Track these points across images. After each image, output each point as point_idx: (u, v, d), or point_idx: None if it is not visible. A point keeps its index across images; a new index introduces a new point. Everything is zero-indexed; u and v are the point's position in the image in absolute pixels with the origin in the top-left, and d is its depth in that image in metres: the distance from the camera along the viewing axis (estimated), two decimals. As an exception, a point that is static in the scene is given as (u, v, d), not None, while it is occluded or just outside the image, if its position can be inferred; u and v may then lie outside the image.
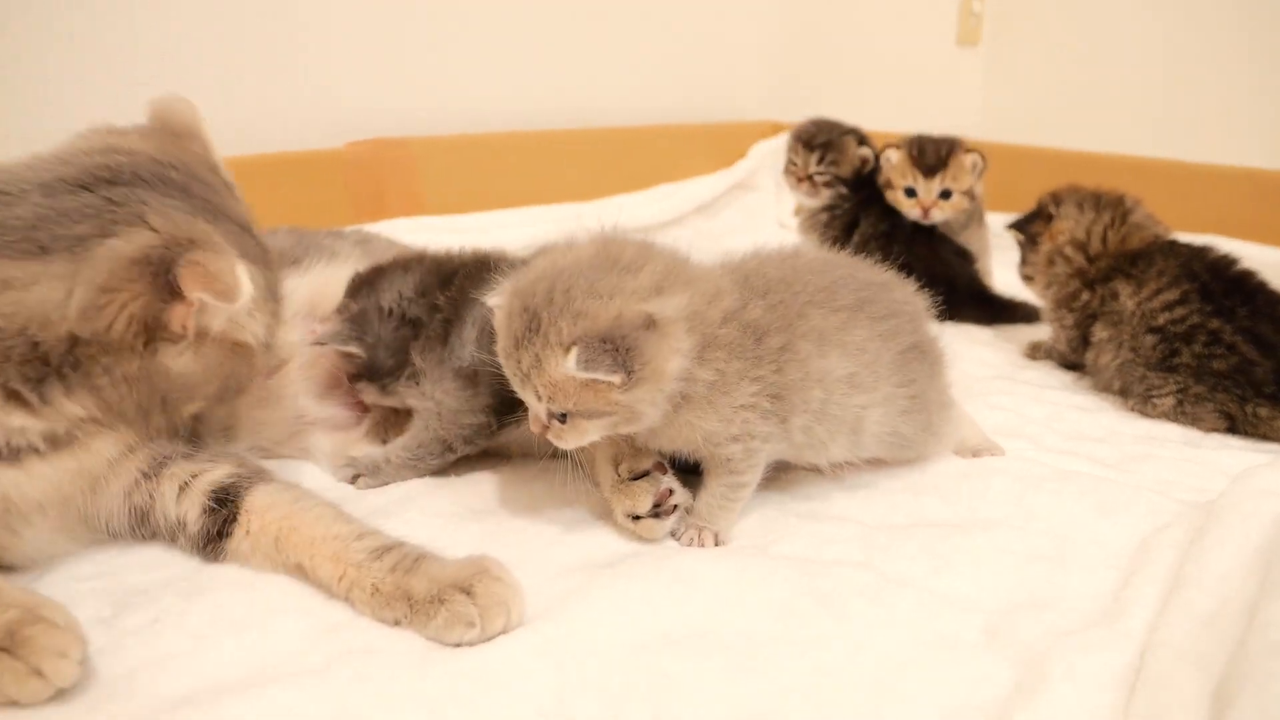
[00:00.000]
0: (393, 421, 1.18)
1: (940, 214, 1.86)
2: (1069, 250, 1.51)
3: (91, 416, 0.84)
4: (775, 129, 2.83)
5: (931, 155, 1.85)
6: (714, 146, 2.71)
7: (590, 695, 0.75)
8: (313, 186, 1.71)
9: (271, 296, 0.94)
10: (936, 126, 3.06)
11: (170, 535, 0.92)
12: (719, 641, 0.81)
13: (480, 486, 1.09)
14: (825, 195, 1.94)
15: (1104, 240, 1.49)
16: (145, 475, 0.90)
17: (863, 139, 1.98)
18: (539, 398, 0.88)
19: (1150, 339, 1.38)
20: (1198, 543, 0.90)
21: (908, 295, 1.08)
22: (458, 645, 0.80)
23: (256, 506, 0.90)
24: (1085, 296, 1.49)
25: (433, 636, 0.81)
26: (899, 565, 0.93)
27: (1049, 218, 1.56)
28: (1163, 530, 0.96)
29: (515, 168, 2.12)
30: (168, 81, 1.62)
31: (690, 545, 0.97)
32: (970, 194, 1.91)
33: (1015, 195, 2.20)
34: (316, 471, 1.13)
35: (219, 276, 0.78)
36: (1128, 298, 1.42)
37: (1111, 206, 1.52)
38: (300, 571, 0.87)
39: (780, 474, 1.08)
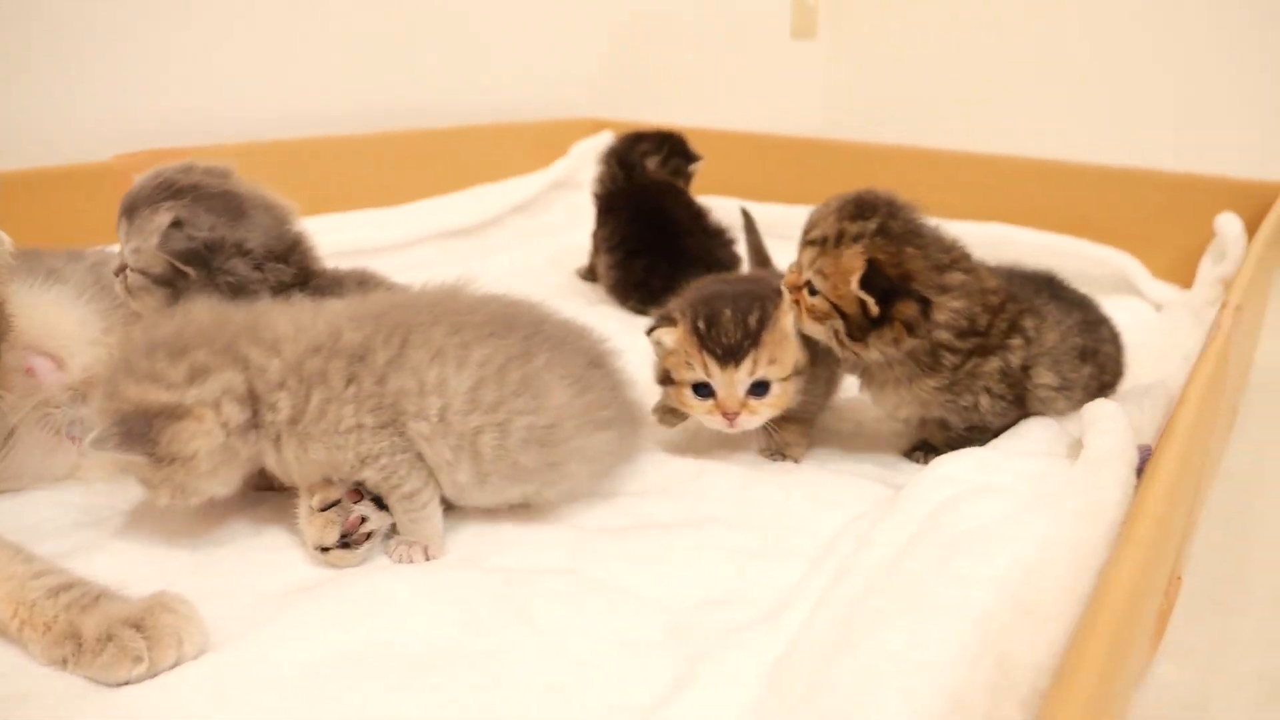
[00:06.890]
0: None
1: (755, 421, 1.10)
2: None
3: None
4: (598, 127, 2.83)
5: (731, 330, 1.08)
6: (536, 145, 2.69)
7: (248, 723, 0.74)
8: (77, 203, 1.64)
9: None
10: (775, 123, 3.08)
11: None
12: (394, 656, 0.81)
13: (194, 514, 1.04)
14: None
15: None
16: None
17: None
18: None
19: None
20: (871, 530, 0.93)
21: (570, 327, 1.09)
22: (124, 684, 0.78)
23: None
24: None
25: (98, 676, 0.79)
26: (603, 569, 0.95)
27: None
28: (856, 519, 1.00)
29: (313, 176, 2.08)
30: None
31: (401, 561, 0.97)
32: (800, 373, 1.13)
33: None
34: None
35: None
36: None
37: None
38: None
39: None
